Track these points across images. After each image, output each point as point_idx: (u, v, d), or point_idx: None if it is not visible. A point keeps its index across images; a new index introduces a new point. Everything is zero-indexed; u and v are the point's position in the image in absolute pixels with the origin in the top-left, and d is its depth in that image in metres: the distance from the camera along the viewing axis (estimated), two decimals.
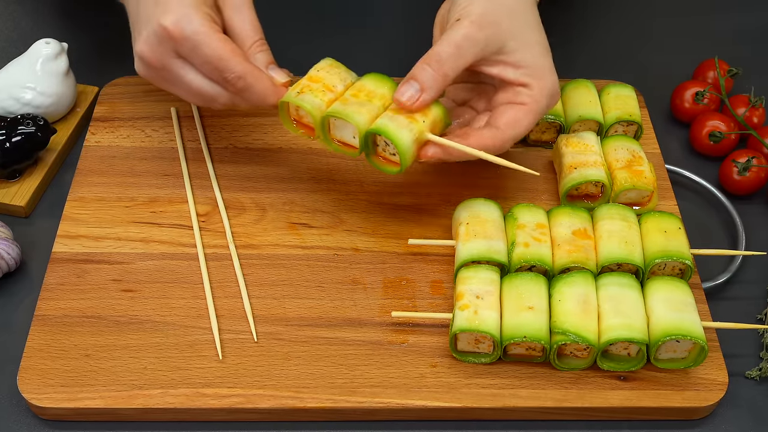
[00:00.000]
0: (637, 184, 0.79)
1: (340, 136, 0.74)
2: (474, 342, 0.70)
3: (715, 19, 1.07)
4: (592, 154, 0.81)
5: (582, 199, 0.81)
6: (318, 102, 0.72)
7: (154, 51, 0.72)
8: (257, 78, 0.73)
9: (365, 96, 0.73)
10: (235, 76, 0.72)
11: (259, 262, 0.77)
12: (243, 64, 0.72)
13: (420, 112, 0.72)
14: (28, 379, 0.69)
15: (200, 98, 0.75)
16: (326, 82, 0.74)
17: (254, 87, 0.72)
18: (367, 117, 0.71)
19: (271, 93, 0.73)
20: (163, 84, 0.76)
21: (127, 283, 0.75)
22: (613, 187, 0.81)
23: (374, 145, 0.73)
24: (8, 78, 0.86)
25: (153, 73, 0.75)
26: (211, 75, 0.73)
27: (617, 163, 0.81)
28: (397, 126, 0.70)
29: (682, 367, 0.71)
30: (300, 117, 0.75)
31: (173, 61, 0.73)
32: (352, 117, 0.71)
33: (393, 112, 0.72)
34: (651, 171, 0.81)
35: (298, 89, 0.73)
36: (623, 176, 0.80)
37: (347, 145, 0.74)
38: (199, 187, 0.83)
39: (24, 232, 0.80)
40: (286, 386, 0.69)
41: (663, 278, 0.73)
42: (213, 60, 0.71)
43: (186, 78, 0.74)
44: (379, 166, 0.74)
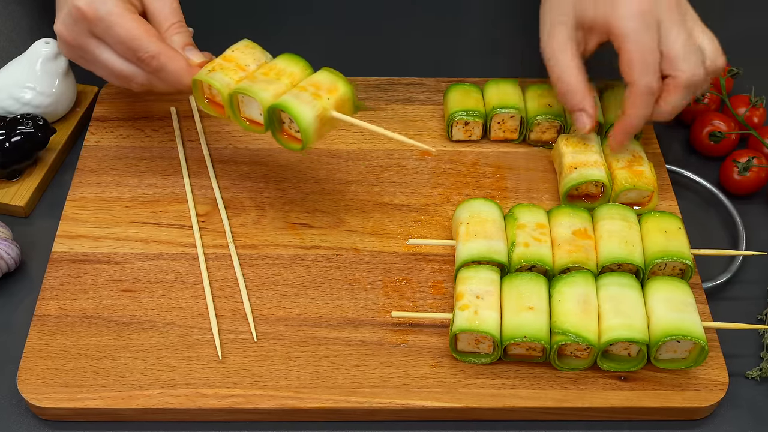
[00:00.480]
0: (638, 184, 0.79)
1: (248, 113, 0.75)
2: (474, 342, 0.70)
3: (716, 18, 1.06)
4: (593, 154, 0.81)
5: (582, 199, 0.81)
6: (228, 80, 0.74)
7: (70, 31, 0.75)
8: (171, 57, 0.74)
9: (275, 74, 0.74)
10: (149, 56, 0.73)
11: (258, 262, 0.77)
12: (157, 44, 0.74)
13: (326, 90, 0.73)
14: (28, 379, 0.69)
15: (118, 78, 0.77)
16: (239, 62, 0.75)
17: (168, 66, 0.74)
18: (272, 93, 0.73)
19: (186, 72, 0.75)
20: (83, 63, 0.78)
21: (127, 283, 0.75)
22: (614, 187, 0.80)
23: (280, 123, 0.74)
24: (8, 78, 0.86)
25: (72, 52, 0.78)
26: (125, 55, 0.75)
27: (617, 163, 0.81)
28: (299, 102, 0.71)
29: (682, 368, 0.70)
30: (213, 96, 0.77)
31: (89, 40, 0.75)
32: (256, 93, 0.72)
33: (299, 90, 0.73)
34: (651, 171, 0.81)
35: (210, 68, 0.75)
36: (623, 176, 0.80)
37: (255, 122, 0.75)
38: (199, 187, 0.83)
39: (23, 232, 0.80)
40: (285, 386, 0.69)
41: (663, 278, 0.73)
42: (126, 40, 0.73)
43: (102, 57, 0.76)
44: (284, 143, 0.75)
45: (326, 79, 0.74)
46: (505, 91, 0.87)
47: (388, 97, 0.91)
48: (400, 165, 0.85)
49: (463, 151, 0.87)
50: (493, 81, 0.89)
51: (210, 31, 0.84)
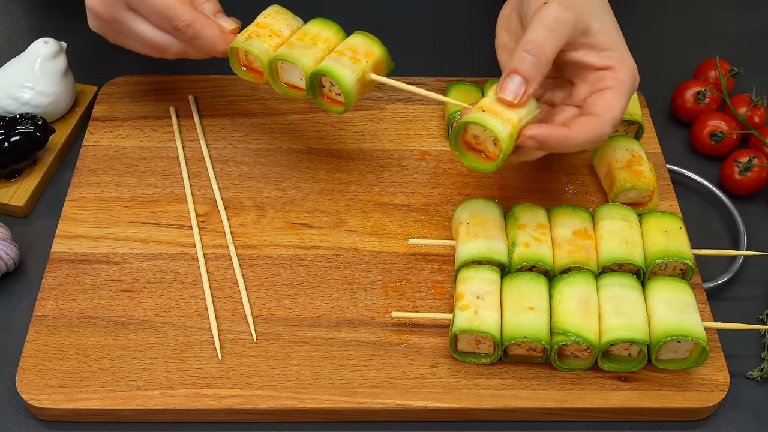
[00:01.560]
0: (637, 184, 0.79)
1: (287, 78, 0.77)
2: (474, 342, 0.70)
3: (717, 18, 1.06)
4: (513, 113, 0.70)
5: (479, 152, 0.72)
6: (266, 47, 0.75)
7: (104, 4, 0.76)
8: (206, 25, 0.75)
9: (310, 39, 0.76)
10: (184, 24, 0.74)
11: (258, 263, 0.77)
12: (191, 12, 0.75)
13: (363, 53, 0.74)
14: (27, 379, 0.69)
15: (153, 49, 0.78)
16: (273, 28, 0.77)
17: (203, 34, 0.75)
18: (312, 59, 0.74)
19: (220, 40, 0.76)
20: (116, 38, 0.79)
21: (126, 284, 0.75)
22: (613, 187, 0.80)
23: (320, 87, 0.76)
24: (7, 77, 0.85)
25: (105, 26, 0.78)
26: (160, 25, 0.75)
27: (617, 163, 0.81)
28: (341, 66, 0.73)
29: (683, 368, 0.70)
30: (249, 62, 0.78)
31: (124, 13, 0.76)
32: (298, 59, 0.74)
33: (337, 54, 0.74)
34: (651, 171, 0.81)
35: (246, 35, 0.76)
36: (623, 176, 0.80)
37: (295, 87, 0.77)
38: (199, 186, 0.83)
39: (22, 232, 0.80)
40: (285, 387, 0.69)
41: (664, 278, 0.73)
42: (161, 9, 0.74)
43: (137, 29, 0.76)
44: (326, 106, 0.76)
45: (362, 43, 0.76)
46: None
47: (389, 97, 0.91)
48: (400, 165, 0.85)
49: None
50: (493, 81, 0.88)
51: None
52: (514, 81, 0.69)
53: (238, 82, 0.91)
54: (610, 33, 0.72)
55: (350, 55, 0.74)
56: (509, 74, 0.69)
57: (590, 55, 0.72)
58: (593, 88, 0.72)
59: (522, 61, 0.69)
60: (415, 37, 1.01)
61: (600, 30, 0.72)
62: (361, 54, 0.75)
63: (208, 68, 0.88)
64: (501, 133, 0.68)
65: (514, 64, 0.69)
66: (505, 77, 0.69)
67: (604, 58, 0.72)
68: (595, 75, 0.72)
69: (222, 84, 0.91)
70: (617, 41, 0.73)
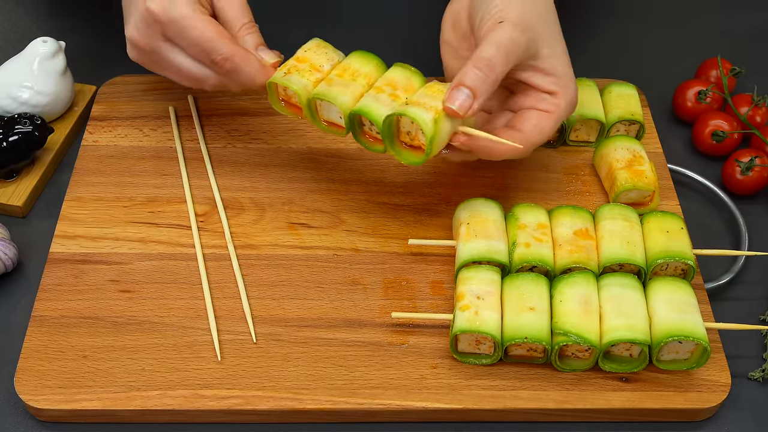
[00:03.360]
0: (638, 185, 0.79)
1: (327, 116, 0.74)
2: (475, 343, 0.70)
3: (718, 17, 1.06)
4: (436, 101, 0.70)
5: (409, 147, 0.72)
6: (305, 82, 0.73)
7: (142, 35, 0.74)
8: (245, 59, 0.74)
9: (350, 76, 0.73)
10: (222, 58, 0.73)
11: (258, 263, 0.77)
12: (230, 46, 0.73)
13: (402, 88, 0.72)
14: (25, 380, 0.69)
15: (190, 80, 0.76)
16: (313, 62, 0.74)
17: (242, 68, 0.74)
18: (350, 97, 0.72)
19: (260, 74, 0.74)
20: (154, 67, 0.78)
21: (125, 284, 0.75)
22: (614, 187, 0.80)
23: (360, 125, 0.73)
24: (5, 77, 0.85)
25: (144, 57, 0.76)
26: (198, 57, 0.74)
27: (618, 163, 0.81)
28: (380, 105, 0.70)
29: (684, 369, 0.70)
30: (288, 97, 0.76)
31: (161, 44, 0.74)
32: (336, 98, 0.72)
33: (376, 91, 0.72)
34: (652, 171, 0.80)
35: (285, 69, 0.74)
36: (624, 176, 0.79)
37: (335, 125, 0.74)
38: (198, 186, 0.83)
39: (21, 232, 0.80)
40: (285, 387, 0.69)
41: (665, 279, 0.73)
42: (200, 42, 0.73)
43: (175, 61, 0.75)
44: (368, 146, 0.74)
45: (401, 76, 0.73)
46: None
47: None
48: (400, 165, 0.85)
49: None
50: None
51: None
52: (462, 93, 0.69)
53: None
54: (558, 59, 0.74)
55: (389, 91, 0.71)
56: (458, 86, 0.69)
57: (536, 77, 0.73)
58: (531, 104, 0.74)
59: (472, 76, 0.69)
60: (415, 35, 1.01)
61: (548, 55, 0.73)
62: (401, 89, 0.71)
63: None
64: (422, 118, 0.68)
65: (464, 78, 0.69)
66: (454, 88, 0.70)
67: (548, 83, 0.73)
68: (536, 94, 0.74)
69: None
70: (564, 67, 0.74)
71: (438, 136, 0.69)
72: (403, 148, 0.72)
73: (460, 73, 0.70)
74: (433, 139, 0.68)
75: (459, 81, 0.69)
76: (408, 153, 0.72)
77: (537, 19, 0.72)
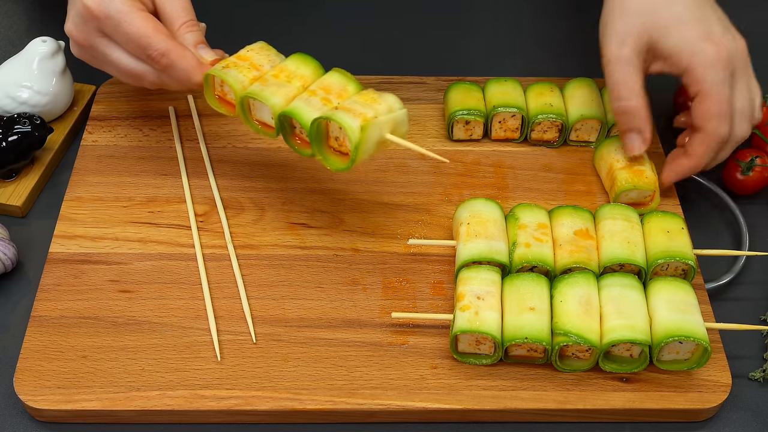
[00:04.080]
0: (638, 185, 0.79)
1: (259, 116, 0.74)
2: (475, 343, 0.70)
3: None
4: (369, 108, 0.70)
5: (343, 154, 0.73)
6: (242, 78, 0.73)
7: (80, 30, 0.75)
8: (181, 55, 0.74)
9: (285, 77, 0.73)
10: (158, 53, 0.73)
11: (257, 263, 0.77)
12: (166, 42, 0.73)
13: (336, 94, 0.71)
14: (25, 380, 0.69)
15: (129, 76, 0.77)
16: (254, 62, 0.74)
17: (178, 64, 0.74)
18: (283, 98, 0.72)
19: (196, 70, 0.74)
20: (94, 63, 0.78)
21: (125, 284, 0.75)
22: (614, 187, 0.80)
23: (291, 127, 0.73)
24: (4, 76, 0.85)
25: (83, 52, 0.77)
26: (135, 53, 0.74)
27: (618, 163, 0.81)
28: (310, 108, 0.70)
29: (685, 369, 0.70)
30: (224, 93, 0.76)
31: (99, 39, 0.75)
32: (267, 99, 0.71)
33: (309, 94, 0.71)
34: (652, 170, 0.80)
35: (224, 64, 0.74)
36: (624, 177, 0.79)
37: (266, 125, 0.74)
38: (198, 186, 0.82)
39: (20, 232, 0.80)
40: (284, 388, 0.69)
41: (665, 279, 0.73)
42: (135, 38, 0.73)
43: (112, 56, 0.75)
44: (296, 149, 0.74)
45: (337, 82, 0.72)
46: (506, 90, 0.86)
47: None
48: (400, 165, 0.85)
49: (464, 151, 0.86)
50: (494, 80, 0.88)
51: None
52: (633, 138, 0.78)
53: None
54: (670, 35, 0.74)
55: (322, 95, 0.71)
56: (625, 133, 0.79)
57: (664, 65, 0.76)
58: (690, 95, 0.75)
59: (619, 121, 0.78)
60: (415, 35, 1.01)
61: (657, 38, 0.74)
62: (334, 94, 0.71)
63: None
64: (348, 124, 0.68)
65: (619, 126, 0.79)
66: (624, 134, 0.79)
67: (672, 65, 0.74)
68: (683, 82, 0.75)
69: None
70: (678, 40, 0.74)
71: (365, 143, 0.69)
72: (330, 153, 0.72)
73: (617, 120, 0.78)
74: (359, 146, 0.68)
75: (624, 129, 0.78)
76: (335, 158, 0.72)
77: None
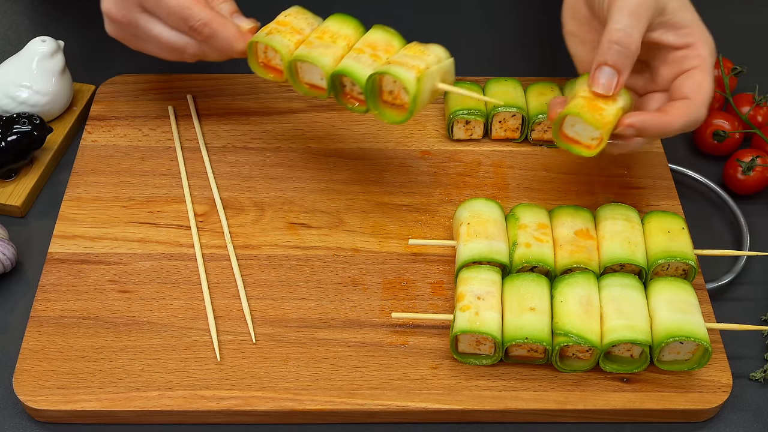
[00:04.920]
0: (585, 117, 0.70)
1: (308, 78, 0.75)
2: (475, 343, 0.70)
3: (720, 16, 1.06)
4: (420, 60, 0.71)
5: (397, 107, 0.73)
6: (287, 42, 0.74)
7: (119, 8, 0.75)
8: (222, 24, 0.74)
9: (329, 38, 0.74)
10: (201, 24, 0.74)
11: (257, 263, 0.77)
12: (206, 12, 0.74)
13: (383, 49, 0.72)
14: (24, 381, 0.69)
15: (170, 51, 0.77)
16: (294, 26, 0.75)
17: (220, 33, 0.74)
18: (332, 58, 0.73)
19: (238, 39, 0.75)
20: (132, 42, 0.78)
21: (124, 284, 0.75)
22: (562, 111, 0.72)
23: (341, 86, 0.74)
24: (4, 76, 0.85)
25: (121, 31, 0.77)
26: (176, 25, 0.75)
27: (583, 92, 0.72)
28: (362, 65, 0.71)
29: (685, 369, 0.70)
30: (268, 60, 0.76)
31: (139, 15, 0.75)
32: (317, 60, 0.72)
33: (356, 52, 0.73)
34: (615, 116, 0.70)
35: (267, 31, 0.75)
36: (576, 103, 0.71)
37: (316, 87, 0.75)
38: (197, 186, 0.82)
39: (20, 232, 0.80)
40: (284, 388, 0.69)
41: (666, 279, 0.72)
42: (177, 10, 0.73)
43: (153, 31, 0.76)
44: (349, 107, 0.75)
45: (381, 38, 0.74)
46: (507, 89, 0.86)
47: None
48: (400, 165, 0.85)
49: (464, 151, 0.86)
50: (495, 79, 0.88)
51: None
52: (604, 72, 0.69)
53: (237, 81, 0.91)
54: (686, 8, 0.72)
55: (370, 52, 0.73)
56: (599, 66, 0.69)
57: (668, 34, 0.72)
58: (677, 69, 0.72)
59: (611, 52, 0.69)
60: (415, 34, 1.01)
61: (676, 8, 0.71)
62: (381, 50, 0.73)
63: (207, 67, 0.87)
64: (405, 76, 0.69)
65: (604, 57, 0.69)
66: (596, 70, 0.69)
67: (682, 36, 0.72)
68: (674, 55, 0.72)
69: (221, 83, 0.91)
70: (693, 16, 0.72)
71: (421, 94, 0.70)
72: (386, 108, 0.73)
73: (598, 53, 0.69)
74: (416, 97, 0.70)
75: (599, 61, 0.69)
76: (391, 112, 0.73)
77: None
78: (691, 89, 0.71)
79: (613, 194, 0.82)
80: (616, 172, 0.85)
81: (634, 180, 0.84)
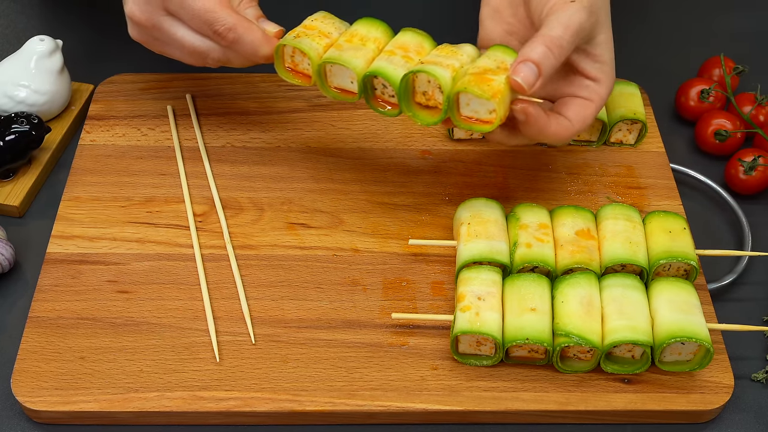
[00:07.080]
0: (473, 89, 0.67)
1: (337, 83, 0.74)
2: (475, 344, 0.70)
3: (721, 16, 1.06)
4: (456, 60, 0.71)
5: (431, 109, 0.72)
6: (316, 46, 0.73)
7: (143, 10, 0.74)
8: (247, 29, 0.73)
9: (359, 41, 0.73)
10: (225, 28, 0.72)
11: (256, 263, 0.76)
12: (232, 16, 0.73)
13: (414, 51, 0.72)
14: (22, 381, 0.68)
15: (193, 55, 0.76)
16: (321, 30, 0.74)
17: (245, 37, 0.73)
18: (363, 61, 0.72)
19: (263, 43, 0.74)
20: (155, 45, 0.77)
21: (123, 285, 0.74)
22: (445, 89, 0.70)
23: (372, 89, 0.73)
24: (2, 75, 0.85)
25: (145, 34, 0.76)
26: (201, 29, 0.73)
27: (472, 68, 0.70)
28: (395, 66, 0.70)
29: (687, 370, 0.70)
30: (295, 65, 0.75)
31: (163, 18, 0.74)
32: (349, 62, 0.71)
33: (387, 54, 0.72)
34: (506, 85, 0.68)
35: (295, 34, 0.74)
36: (466, 80, 0.68)
37: (345, 91, 0.74)
38: (196, 186, 0.82)
39: (18, 232, 0.80)
40: (284, 389, 0.68)
41: (668, 279, 0.72)
42: (201, 13, 0.72)
43: (177, 35, 0.74)
44: (380, 110, 0.73)
45: (411, 40, 0.73)
46: None
47: None
48: (400, 165, 0.84)
49: (465, 151, 0.86)
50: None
51: None
52: (528, 68, 0.68)
53: (236, 80, 0.91)
54: (609, 47, 0.73)
55: (402, 53, 0.72)
56: (524, 60, 0.68)
57: (585, 61, 0.72)
58: (574, 92, 0.73)
59: (540, 52, 0.68)
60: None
61: (602, 41, 0.72)
62: (413, 52, 0.72)
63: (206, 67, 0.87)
64: (441, 74, 0.68)
65: (531, 53, 0.68)
66: (520, 62, 0.68)
67: (595, 69, 0.72)
68: (579, 81, 0.73)
69: (220, 83, 0.91)
70: (611, 57, 0.73)
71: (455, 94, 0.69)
72: (418, 109, 0.72)
73: (526, 47, 0.68)
74: (451, 96, 0.68)
75: (526, 56, 0.68)
76: (424, 113, 0.71)
77: (602, 1, 0.71)
78: (575, 114, 0.72)
79: (615, 194, 0.82)
80: (617, 172, 0.84)
81: (635, 180, 0.84)
